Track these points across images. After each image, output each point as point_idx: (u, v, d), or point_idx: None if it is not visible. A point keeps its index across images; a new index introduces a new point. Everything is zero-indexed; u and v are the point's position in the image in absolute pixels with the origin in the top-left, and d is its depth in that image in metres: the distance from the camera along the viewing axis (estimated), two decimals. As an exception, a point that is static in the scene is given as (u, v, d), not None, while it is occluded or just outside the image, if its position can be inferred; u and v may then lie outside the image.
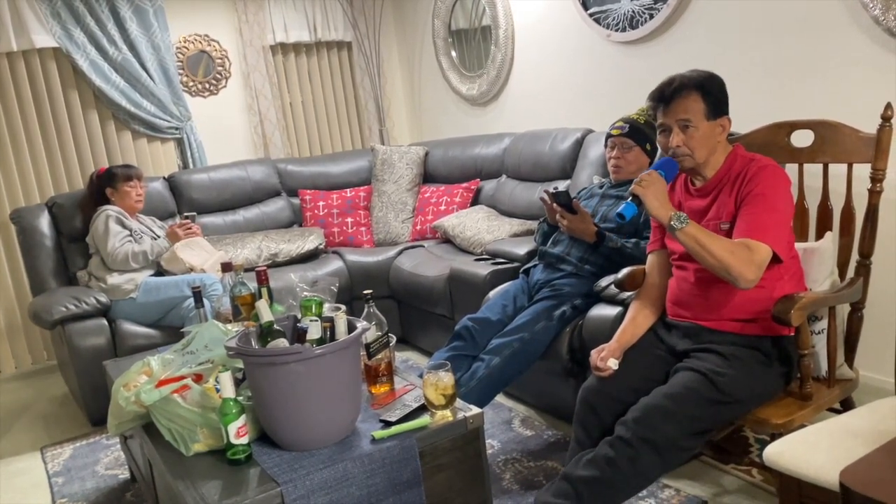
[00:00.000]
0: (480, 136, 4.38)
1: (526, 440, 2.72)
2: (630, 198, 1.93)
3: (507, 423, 2.86)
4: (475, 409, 1.92)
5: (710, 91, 1.93)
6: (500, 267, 3.20)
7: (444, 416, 1.87)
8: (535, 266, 2.82)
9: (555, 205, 2.62)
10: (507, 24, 4.24)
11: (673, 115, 1.94)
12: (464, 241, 3.72)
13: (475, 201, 4.17)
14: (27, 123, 4.20)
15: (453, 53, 4.80)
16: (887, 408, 1.66)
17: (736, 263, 1.78)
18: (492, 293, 2.93)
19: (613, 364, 2.00)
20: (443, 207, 4.18)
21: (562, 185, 3.49)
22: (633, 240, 2.56)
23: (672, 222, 1.84)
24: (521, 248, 3.20)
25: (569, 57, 3.89)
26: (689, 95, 1.92)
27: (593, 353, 2.06)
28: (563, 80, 3.97)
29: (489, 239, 3.52)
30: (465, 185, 4.23)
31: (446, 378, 1.87)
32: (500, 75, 4.39)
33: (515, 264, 3.17)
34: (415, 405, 1.93)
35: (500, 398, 3.01)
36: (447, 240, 3.95)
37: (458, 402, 1.93)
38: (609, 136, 2.79)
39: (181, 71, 4.62)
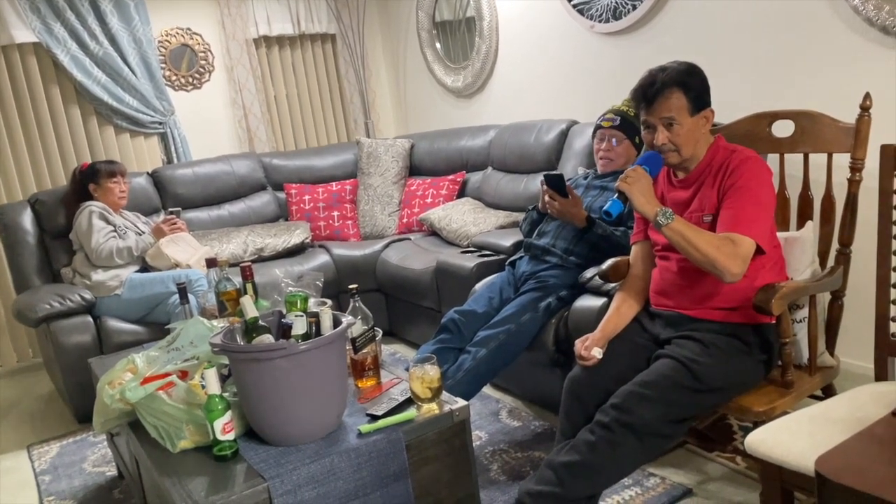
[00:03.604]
0: (466, 129, 4.38)
1: (513, 431, 2.73)
2: (616, 195, 1.94)
3: (494, 415, 2.88)
4: (461, 402, 1.93)
5: (691, 86, 1.93)
6: (486, 259, 3.20)
7: (431, 409, 1.89)
8: (520, 258, 2.83)
9: (546, 187, 2.58)
10: (492, 16, 4.23)
11: (656, 113, 1.94)
12: (450, 234, 3.74)
13: (461, 193, 4.18)
14: (8, 119, 4.16)
15: (438, 45, 4.79)
16: (867, 395, 1.68)
17: (721, 258, 1.79)
18: (478, 285, 2.94)
19: (597, 353, 2.01)
20: (429, 200, 4.18)
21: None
22: (622, 228, 2.57)
23: (658, 218, 1.86)
24: (507, 240, 3.21)
25: (553, 48, 3.89)
26: (672, 93, 1.92)
27: (578, 342, 2.07)
28: (547, 72, 3.98)
29: (475, 231, 3.53)
30: (451, 177, 4.23)
31: (432, 371, 1.88)
32: (485, 67, 4.38)
33: (501, 256, 3.17)
34: (401, 399, 1.94)
35: (487, 389, 3.02)
36: (434, 232, 3.96)
37: (445, 395, 1.95)
38: (599, 127, 2.78)
39: (164, 65, 4.59)
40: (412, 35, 5.00)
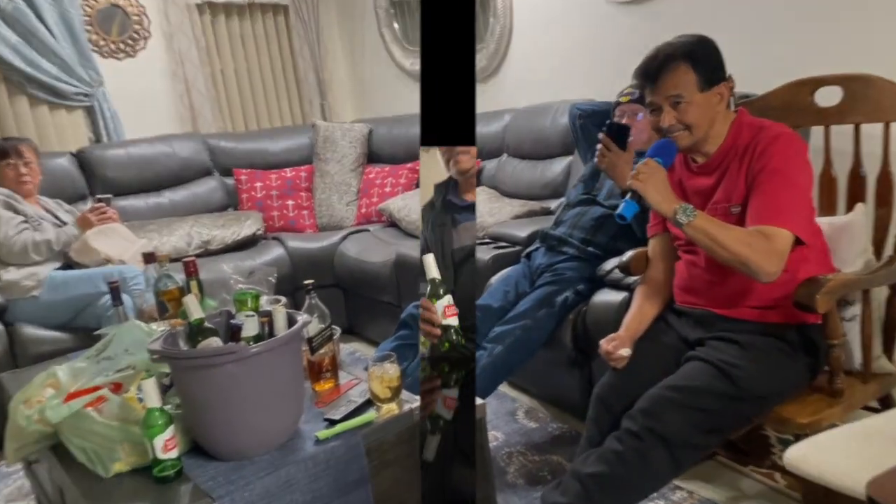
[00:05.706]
0: (480, 115, 4.37)
1: (530, 432, 2.85)
2: (629, 194, 1.92)
3: (511, 415, 3.01)
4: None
5: (699, 59, 1.91)
6: (502, 251, 3.27)
7: (390, 409, 1.95)
8: (536, 249, 2.90)
9: (604, 134, 2.53)
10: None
11: (662, 92, 1.93)
12: (410, 225, 3.90)
13: (476, 182, 4.21)
14: None
15: (395, 25, 4.88)
16: (931, 408, 1.65)
17: (754, 256, 1.77)
18: (493, 278, 3.02)
19: (625, 352, 2.04)
20: (388, 189, 4.35)
21: (564, 162, 3.64)
22: None
23: (678, 217, 1.84)
24: (523, 231, 3.26)
25: (568, 23, 3.89)
26: (678, 68, 1.91)
27: (603, 342, 2.07)
28: (563, 50, 3.98)
29: (491, 222, 3.57)
30: (409, 165, 4.37)
31: (391, 370, 1.95)
32: (500, 48, 4.33)
33: (517, 248, 3.22)
34: (360, 401, 2.00)
35: (503, 388, 3.16)
36: (393, 223, 4.13)
37: (404, 394, 2.01)
38: (618, 104, 2.81)
39: (89, 27, 4.47)
40: (369, 13, 5.04)
